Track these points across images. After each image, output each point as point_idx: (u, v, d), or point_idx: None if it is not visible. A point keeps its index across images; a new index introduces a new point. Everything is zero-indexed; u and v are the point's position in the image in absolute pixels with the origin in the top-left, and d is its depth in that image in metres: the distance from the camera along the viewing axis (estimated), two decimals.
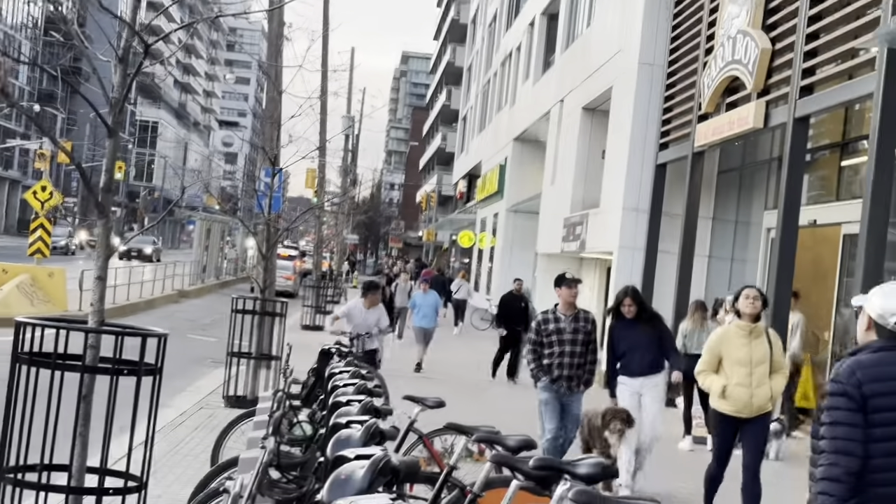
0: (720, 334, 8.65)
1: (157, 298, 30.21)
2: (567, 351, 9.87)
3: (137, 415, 5.45)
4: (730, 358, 8.50)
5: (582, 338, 9.95)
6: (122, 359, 5.47)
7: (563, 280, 10.04)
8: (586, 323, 10.06)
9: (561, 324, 9.92)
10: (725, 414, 8.55)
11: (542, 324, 9.99)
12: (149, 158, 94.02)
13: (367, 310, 13.67)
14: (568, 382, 9.90)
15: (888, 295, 4.56)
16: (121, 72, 6.10)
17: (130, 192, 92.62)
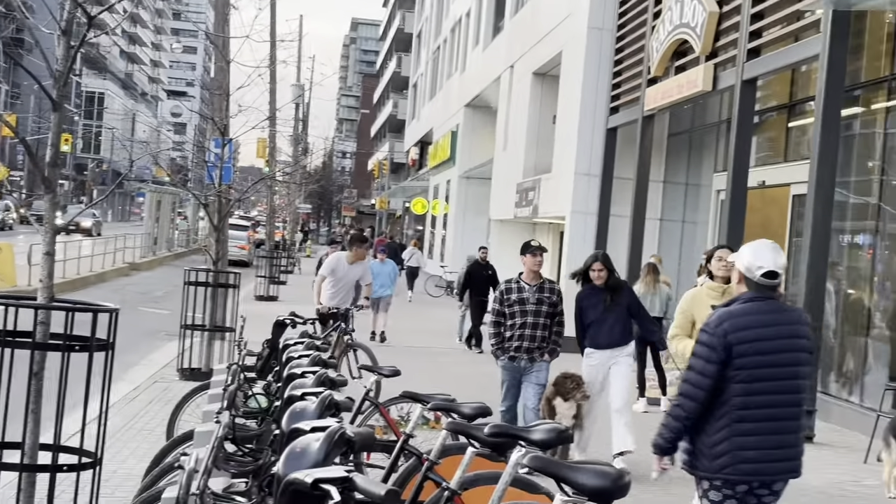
0: (691, 296, 8.05)
1: (107, 272, 29.93)
2: (530, 322, 9.35)
3: (90, 390, 5.41)
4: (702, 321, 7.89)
5: (546, 309, 9.40)
6: (73, 334, 5.42)
7: (528, 248, 9.47)
8: (552, 294, 9.49)
9: (524, 293, 9.37)
10: None
11: (505, 293, 9.44)
12: (96, 130, 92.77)
13: (350, 264, 13.11)
14: (529, 354, 9.37)
15: (756, 251, 5.04)
16: (64, 44, 6.00)
17: (78, 165, 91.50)
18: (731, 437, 4.84)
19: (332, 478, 2.64)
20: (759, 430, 4.85)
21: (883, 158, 13.18)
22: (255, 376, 7.57)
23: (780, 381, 4.91)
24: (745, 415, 4.84)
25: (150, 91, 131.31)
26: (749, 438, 4.83)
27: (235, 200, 15.24)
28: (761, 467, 4.86)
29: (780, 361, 4.91)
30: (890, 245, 13.19)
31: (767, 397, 4.88)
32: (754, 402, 4.85)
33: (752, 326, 4.89)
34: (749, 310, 4.94)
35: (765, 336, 4.89)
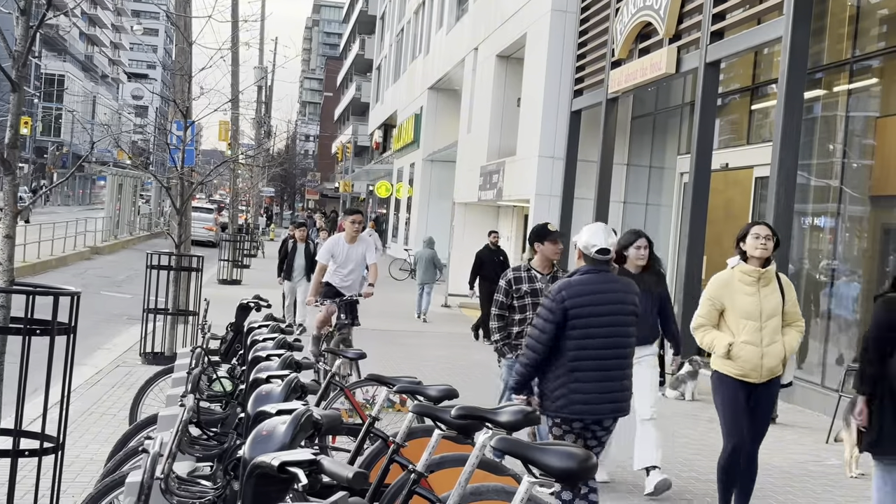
0: (722, 282, 6.93)
1: (69, 255, 29.66)
2: None
3: (52, 374, 5.34)
4: (735, 310, 6.85)
5: None
6: (34, 318, 5.35)
7: (548, 233, 8.09)
8: None
9: (536, 283, 8.06)
10: (732, 377, 6.89)
11: (514, 283, 8.10)
12: (56, 113, 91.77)
13: (349, 244, 11.83)
14: None
15: (592, 232, 6.16)
16: (23, 24, 5.92)
17: (38, 148, 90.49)
18: (567, 384, 6.00)
19: (299, 460, 2.62)
20: (589, 377, 5.98)
21: (844, 141, 13.28)
22: (220, 360, 7.52)
23: (608, 339, 6.04)
24: (578, 365, 5.98)
25: (111, 73, 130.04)
26: (581, 385, 5.97)
27: (198, 184, 15.11)
28: (591, 408, 6.00)
29: (607, 322, 6.04)
30: (851, 227, 13.30)
31: (596, 351, 6.01)
32: (585, 355, 6.00)
33: (585, 294, 6.02)
34: (585, 280, 6.07)
35: (596, 301, 6.02)
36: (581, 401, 5.97)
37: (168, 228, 15.62)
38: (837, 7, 13.27)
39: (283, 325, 6.98)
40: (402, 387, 5.53)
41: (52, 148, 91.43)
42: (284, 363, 4.84)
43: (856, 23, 13.11)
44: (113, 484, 4.89)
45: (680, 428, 11.01)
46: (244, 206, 46.80)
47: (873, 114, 12.97)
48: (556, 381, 6.04)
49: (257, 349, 5.58)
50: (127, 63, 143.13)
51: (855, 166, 13.15)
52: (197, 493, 4.19)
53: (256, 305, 8.53)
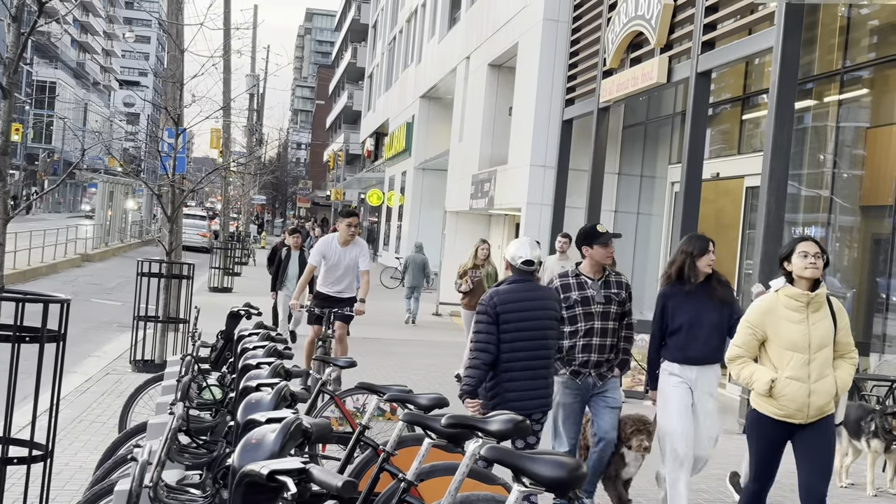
0: (764, 308, 5.99)
1: (59, 262, 29.60)
2: (598, 328, 7.20)
3: (41, 382, 5.33)
4: (778, 340, 5.91)
5: (616, 310, 7.29)
6: (23, 325, 5.34)
7: (597, 235, 7.28)
8: (620, 289, 7.37)
9: (588, 291, 7.21)
10: (771, 419, 6.02)
11: (562, 291, 7.21)
12: (47, 120, 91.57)
13: (342, 247, 11.30)
14: (597, 370, 7.26)
15: (518, 245, 6.78)
16: (14, 30, 5.91)
17: (29, 155, 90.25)
18: (500, 384, 6.61)
19: (289, 469, 2.61)
20: (519, 377, 6.59)
21: (835, 151, 13.32)
22: (210, 367, 7.51)
23: (534, 342, 6.63)
24: (509, 366, 6.58)
25: (103, 81, 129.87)
26: (511, 384, 6.59)
27: (189, 191, 15.09)
28: (522, 404, 6.52)
29: (532, 326, 6.62)
30: (841, 237, 13.34)
31: (524, 353, 6.59)
32: (515, 357, 6.57)
33: (513, 301, 6.60)
34: (512, 289, 6.69)
35: (522, 308, 6.60)
36: (513, 398, 6.56)
37: (159, 236, 15.57)
38: (828, 18, 13.32)
39: (273, 333, 6.97)
40: (393, 395, 5.52)
41: (43, 155, 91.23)
42: (274, 371, 4.84)
43: (846, 34, 13.16)
44: (102, 492, 4.87)
45: None
46: (236, 213, 46.73)
47: (863, 124, 13.02)
48: (491, 382, 6.66)
49: (247, 357, 5.57)
50: (119, 70, 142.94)
51: (845, 177, 13.19)
52: (186, 501, 4.18)
53: (247, 313, 8.51)
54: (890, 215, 12.15)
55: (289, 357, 5.94)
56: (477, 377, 6.59)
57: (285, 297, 16.37)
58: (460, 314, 15.91)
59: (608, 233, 7.33)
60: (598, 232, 7.28)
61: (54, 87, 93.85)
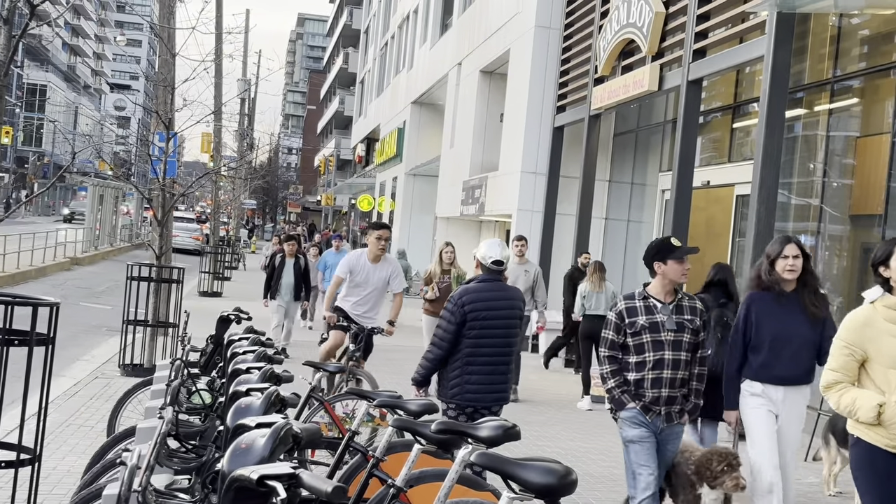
0: (861, 322, 5.09)
1: (48, 266, 29.51)
2: (669, 359, 6.21)
3: (30, 385, 5.31)
4: (881, 358, 4.99)
5: (689, 339, 6.28)
6: (12, 329, 5.32)
7: (671, 249, 6.29)
8: (694, 315, 6.33)
9: (657, 316, 6.23)
10: (883, 451, 5.04)
11: (627, 315, 6.26)
12: (37, 123, 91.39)
13: (372, 263, 10.39)
14: (668, 408, 6.25)
15: (489, 246, 7.06)
16: (6, 33, 5.90)
17: (19, 158, 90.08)
18: (462, 376, 6.89)
19: (278, 474, 2.61)
20: (480, 371, 6.87)
21: (825, 160, 13.35)
22: (199, 372, 7.48)
23: (497, 339, 6.92)
24: (472, 360, 6.88)
25: (94, 84, 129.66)
26: (472, 377, 6.86)
27: (179, 195, 15.07)
28: (480, 397, 6.90)
29: (498, 325, 6.91)
30: (831, 246, 13.37)
31: (487, 349, 6.88)
32: (479, 352, 6.87)
33: (482, 300, 6.89)
34: (481, 287, 6.98)
35: (489, 307, 6.88)
36: (473, 391, 6.89)
37: (149, 240, 15.54)
38: (819, 27, 13.36)
39: (263, 338, 6.96)
40: (383, 401, 5.52)
41: (33, 158, 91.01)
42: (264, 376, 4.83)
43: (837, 43, 13.20)
44: (90, 496, 4.85)
45: None
46: (226, 218, 46.67)
47: (854, 134, 13.05)
48: (453, 373, 6.94)
49: (237, 362, 5.56)
50: (110, 74, 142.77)
51: (835, 185, 13.22)
52: None
53: (237, 318, 8.50)
54: (879, 225, 12.17)
55: (279, 362, 5.93)
56: (427, 369, 7.04)
57: (277, 308, 16.07)
58: None
59: (684, 247, 6.36)
60: (672, 245, 6.29)
61: (45, 90, 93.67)
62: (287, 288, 16.03)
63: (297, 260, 16.25)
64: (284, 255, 16.24)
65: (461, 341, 6.90)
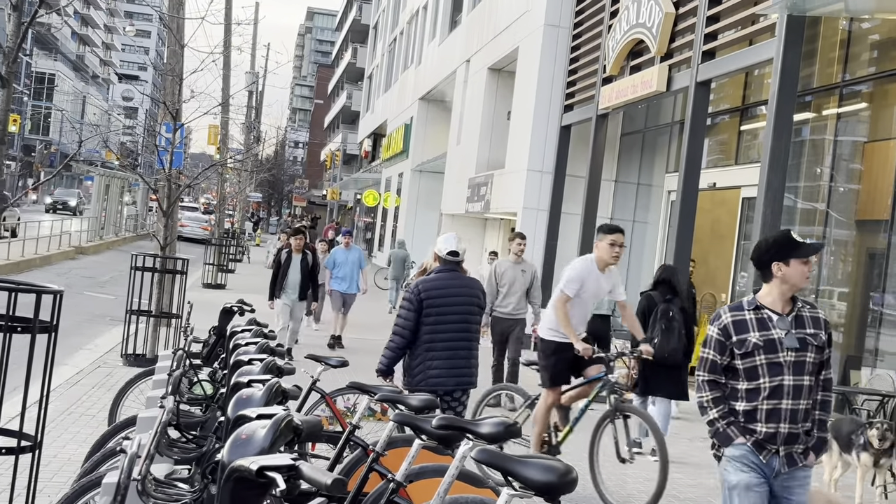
0: None
1: (53, 255, 29.54)
2: (788, 386, 4.98)
3: (32, 373, 5.31)
4: None
5: (813, 358, 5.04)
6: (15, 315, 5.31)
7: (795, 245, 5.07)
8: (818, 328, 5.09)
9: (774, 332, 5.00)
10: None
11: (735, 331, 5.04)
12: (45, 112, 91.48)
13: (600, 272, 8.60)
14: (787, 446, 5.02)
15: (445, 239, 7.58)
16: (14, 20, 5.90)
17: (26, 146, 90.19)
18: (423, 362, 7.29)
19: (278, 465, 2.60)
20: (440, 356, 7.26)
21: (832, 165, 13.33)
22: (202, 363, 7.50)
23: (454, 324, 7.30)
24: (431, 346, 7.28)
25: (102, 74, 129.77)
26: (434, 362, 7.26)
27: (185, 186, 15.07)
28: (442, 381, 7.26)
29: (454, 311, 7.30)
30: (836, 251, 13.35)
31: (447, 335, 7.28)
32: (438, 338, 7.27)
33: (438, 288, 7.32)
34: (438, 277, 7.43)
35: (446, 294, 7.30)
36: (434, 375, 7.26)
37: (154, 230, 15.52)
38: (829, 31, 13.33)
39: (265, 330, 6.96)
40: (384, 395, 5.51)
41: (40, 146, 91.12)
42: (266, 368, 4.82)
43: (846, 47, 13.18)
44: (90, 484, 4.86)
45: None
46: (230, 210, 46.70)
47: (861, 138, 13.03)
48: (415, 361, 7.35)
49: (239, 353, 5.56)
50: (118, 64, 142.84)
51: (842, 190, 13.20)
52: (174, 495, 4.17)
53: (240, 310, 8.50)
54: (885, 230, 12.16)
55: (280, 355, 5.92)
56: (390, 357, 7.42)
57: (284, 307, 14.86)
58: None
59: (810, 243, 5.15)
60: (795, 241, 5.07)
61: (53, 79, 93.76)
62: (293, 286, 14.83)
63: (305, 256, 15.01)
64: (291, 251, 15.01)
65: (421, 329, 7.32)
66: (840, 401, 11.56)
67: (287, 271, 14.89)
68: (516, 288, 12.82)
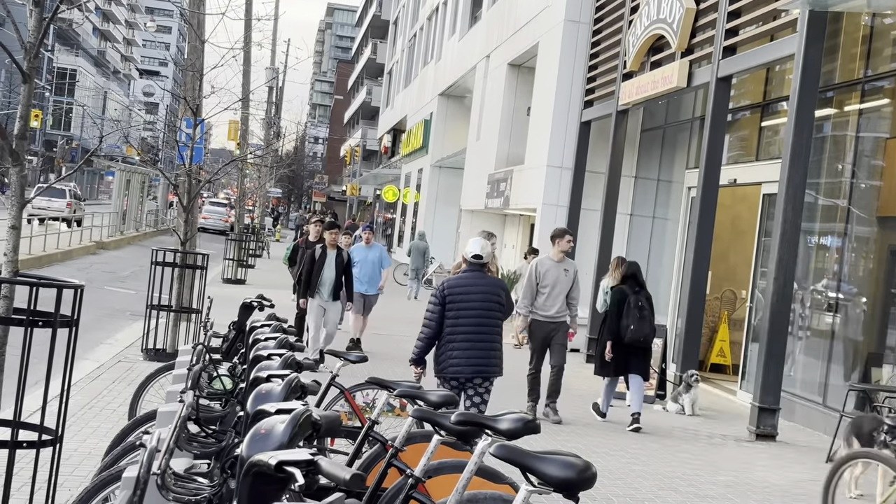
0: None
1: (74, 249, 29.69)
2: None
3: (53, 367, 5.34)
4: None
5: None
6: (36, 310, 5.34)
7: None
8: None
9: None
10: None
11: None
12: (66, 107, 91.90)
13: None
14: None
15: (472, 243, 8.37)
16: (36, 16, 5.92)
17: (48, 141, 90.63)
18: (445, 352, 8.06)
19: (297, 460, 2.61)
20: (458, 347, 8.03)
21: (854, 161, 13.25)
22: (221, 358, 7.52)
23: (473, 318, 8.06)
24: (451, 338, 8.05)
25: (123, 69, 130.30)
26: (454, 352, 8.03)
27: (205, 181, 15.11)
28: (460, 370, 8.03)
29: (473, 306, 8.07)
30: (857, 248, 13.27)
31: (465, 328, 8.04)
32: (457, 331, 8.04)
33: (460, 286, 8.13)
34: (461, 276, 8.27)
35: (465, 291, 8.09)
36: (454, 364, 8.03)
37: (174, 225, 15.55)
38: (851, 26, 13.25)
39: (285, 326, 6.97)
40: (403, 391, 5.52)
41: (61, 142, 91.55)
42: (285, 363, 4.84)
43: (869, 43, 13.09)
44: (110, 478, 4.88)
45: (679, 442, 10.97)
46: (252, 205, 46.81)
47: (883, 135, 12.94)
48: (440, 350, 8.12)
49: (259, 348, 5.57)
50: (139, 60, 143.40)
51: (863, 187, 13.12)
52: (193, 489, 4.18)
53: (259, 305, 8.53)
54: None
55: (300, 349, 5.93)
56: (421, 348, 8.19)
57: (319, 308, 13.67)
58: None
59: None
60: None
61: (74, 74, 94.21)
62: (327, 285, 13.67)
63: (340, 252, 13.89)
64: (325, 247, 13.85)
65: (445, 322, 8.10)
66: (861, 398, 11.51)
67: (322, 268, 13.69)
68: (559, 289, 11.73)
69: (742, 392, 14.66)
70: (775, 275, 11.95)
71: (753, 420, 11.67)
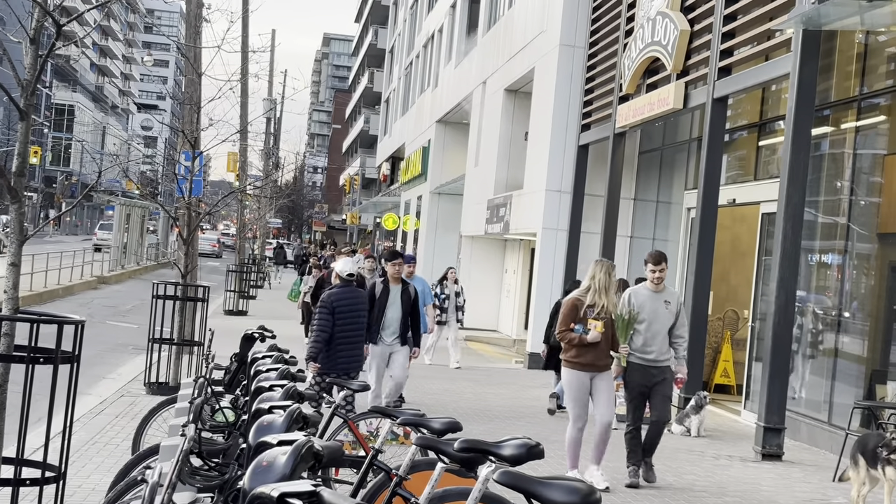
0: None
1: (75, 285, 29.69)
2: None
3: (55, 403, 5.33)
4: None
5: None
6: (37, 346, 5.34)
7: None
8: None
9: None
10: None
11: None
12: (66, 143, 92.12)
13: None
14: None
15: (343, 263, 10.54)
16: (32, 52, 5.95)
17: (47, 177, 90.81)
18: (334, 352, 9.93)
19: (299, 492, 2.60)
20: (344, 348, 9.98)
21: (852, 178, 13.27)
22: (223, 390, 7.50)
23: (352, 324, 10.09)
24: (340, 340, 9.95)
25: (121, 104, 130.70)
26: (341, 352, 9.96)
27: (205, 213, 15.13)
28: (346, 365, 9.99)
29: (353, 315, 10.09)
30: (858, 265, 13.27)
31: (347, 332, 10.00)
32: (343, 334, 9.97)
33: (342, 298, 10.07)
34: (341, 291, 10.16)
35: (347, 303, 10.06)
36: (342, 361, 9.96)
37: (175, 259, 15.55)
38: (845, 44, 13.29)
39: (286, 356, 6.96)
40: (406, 419, 5.51)
41: (61, 177, 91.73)
42: (287, 394, 4.83)
43: (863, 60, 13.13)
44: None
45: (684, 464, 10.94)
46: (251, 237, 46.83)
47: (881, 151, 12.97)
48: (329, 351, 9.92)
49: (261, 380, 5.56)
50: (137, 94, 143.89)
51: (862, 204, 13.13)
52: None
53: (261, 336, 8.52)
54: None
55: (301, 380, 5.92)
56: (317, 349, 9.85)
57: (382, 352, 11.49)
58: None
59: None
60: None
61: (73, 110, 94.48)
62: (392, 326, 11.51)
63: (406, 287, 11.71)
64: (387, 282, 11.62)
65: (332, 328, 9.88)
66: (866, 415, 11.47)
67: (384, 305, 11.50)
68: (659, 326, 9.71)
69: (746, 412, 14.62)
70: (776, 294, 11.94)
71: (759, 440, 11.64)
